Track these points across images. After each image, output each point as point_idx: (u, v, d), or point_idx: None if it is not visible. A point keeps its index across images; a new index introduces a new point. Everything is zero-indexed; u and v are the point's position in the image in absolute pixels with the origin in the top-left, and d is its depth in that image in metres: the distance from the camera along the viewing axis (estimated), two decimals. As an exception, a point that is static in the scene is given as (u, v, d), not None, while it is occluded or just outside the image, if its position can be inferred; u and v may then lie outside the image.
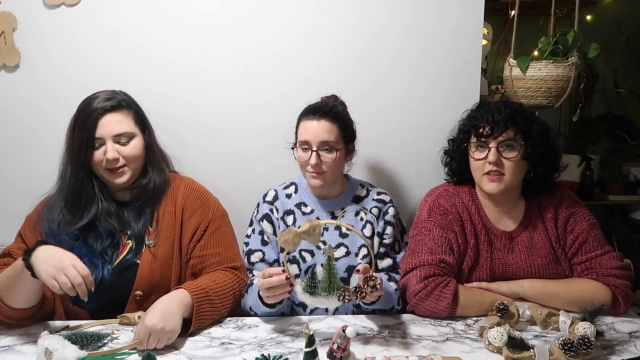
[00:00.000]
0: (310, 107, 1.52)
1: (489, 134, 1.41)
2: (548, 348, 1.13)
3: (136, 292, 1.40)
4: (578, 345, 1.13)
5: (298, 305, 1.53)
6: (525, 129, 1.42)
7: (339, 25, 1.78)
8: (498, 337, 1.19)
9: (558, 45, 1.75)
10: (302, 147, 1.50)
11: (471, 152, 1.47)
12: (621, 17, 3.07)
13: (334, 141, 1.48)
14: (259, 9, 1.77)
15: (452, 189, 1.57)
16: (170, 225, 1.47)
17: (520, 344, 1.16)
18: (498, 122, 1.40)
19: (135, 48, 1.76)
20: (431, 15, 1.78)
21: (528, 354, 1.14)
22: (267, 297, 1.29)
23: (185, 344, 1.26)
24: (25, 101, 1.78)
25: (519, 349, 1.15)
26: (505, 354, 1.17)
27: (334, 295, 1.21)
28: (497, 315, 1.30)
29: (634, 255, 2.85)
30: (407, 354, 1.20)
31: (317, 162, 1.46)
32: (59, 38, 1.75)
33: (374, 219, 1.54)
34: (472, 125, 1.46)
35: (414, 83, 1.82)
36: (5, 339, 1.29)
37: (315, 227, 1.17)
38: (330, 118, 1.48)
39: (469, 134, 1.48)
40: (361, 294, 1.20)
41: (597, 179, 3.08)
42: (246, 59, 1.78)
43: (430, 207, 1.52)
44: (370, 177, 1.85)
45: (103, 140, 1.40)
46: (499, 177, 1.41)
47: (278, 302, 1.37)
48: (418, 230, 1.51)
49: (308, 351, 1.09)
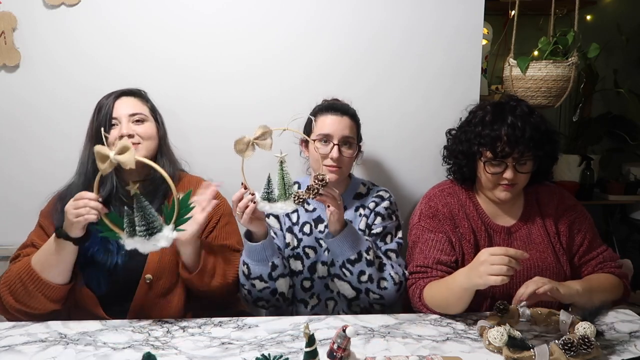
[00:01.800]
0: (329, 104, 1.56)
1: (508, 153, 1.40)
2: (548, 348, 1.13)
3: (146, 275, 1.43)
4: (578, 345, 1.13)
5: (300, 301, 1.54)
6: (540, 143, 1.41)
7: (339, 25, 1.78)
8: (498, 337, 1.19)
9: (558, 45, 1.75)
10: (322, 141, 1.51)
11: (484, 165, 1.45)
12: (621, 17, 3.07)
13: (353, 137, 1.53)
14: (259, 10, 1.77)
15: (448, 187, 1.58)
16: None
17: (520, 343, 1.16)
18: (519, 143, 1.39)
19: (135, 48, 1.76)
20: (431, 15, 1.79)
21: (528, 353, 1.14)
22: (241, 220, 1.35)
23: (185, 344, 1.26)
24: (25, 101, 1.78)
25: (519, 348, 1.15)
26: (505, 354, 1.17)
27: (289, 198, 1.32)
28: (497, 315, 1.30)
29: (634, 255, 2.86)
30: (407, 353, 1.20)
31: (339, 155, 1.49)
32: (59, 38, 1.75)
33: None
34: (490, 143, 1.41)
35: (414, 83, 1.83)
36: (6, 339, 1.29)
37: (266, 133, 1.23)
38: (350, 116, 1.54)
39: (484, 148, 1.43)
40: (313, 191, 1.28)
41: (597, 179, 3.08)
42: (247, 60, 1.79)
43: (421, 211, 1.55)
44: (370, 175, 1.85)
45: (119, 119, 1.45)
46: (512, 187, 1.45)
47: (263, 237, 1.42)
48: (411, 234, 1.56)
49: (308, 351, 1.09)
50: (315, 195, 1.30)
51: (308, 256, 1.55)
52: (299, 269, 1.54)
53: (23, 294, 1.35)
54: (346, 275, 1.44)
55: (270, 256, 1.44)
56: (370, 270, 1.43)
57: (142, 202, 1.20)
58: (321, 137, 1.51)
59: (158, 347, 1.24)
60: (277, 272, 1.45)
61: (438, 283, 1.41)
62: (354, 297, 1.47)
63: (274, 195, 1.33)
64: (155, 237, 1.22)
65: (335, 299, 1.56)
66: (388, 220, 1.57)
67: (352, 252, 1.42)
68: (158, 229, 1.23)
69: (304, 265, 1.54)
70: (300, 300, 1.55)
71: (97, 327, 1.35)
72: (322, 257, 1.55)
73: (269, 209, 1.34)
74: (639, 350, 1.23)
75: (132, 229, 1.22)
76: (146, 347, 1.24)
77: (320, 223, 1.57)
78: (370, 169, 1.87)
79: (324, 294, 1.56)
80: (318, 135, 1.52)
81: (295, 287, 1.56)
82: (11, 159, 1.80)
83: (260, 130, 1.22)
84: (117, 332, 1.32)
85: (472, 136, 1.47)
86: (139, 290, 1.44)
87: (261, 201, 1.33)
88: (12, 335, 1.30)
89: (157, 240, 1.22)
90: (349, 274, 1.44)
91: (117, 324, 1.37)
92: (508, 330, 1.20)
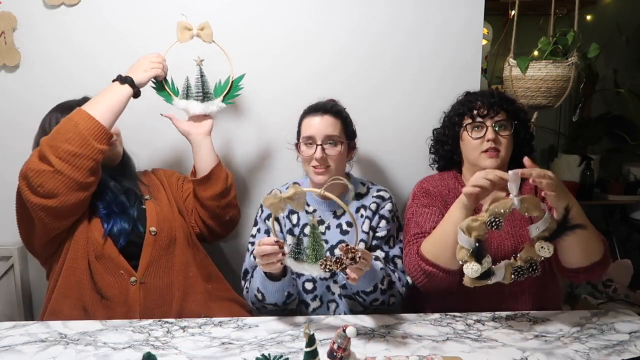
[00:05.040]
0: (312, 106, 1.56)
1: (485, 114, 1.51)
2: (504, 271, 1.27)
3: (150, 228, 1.53)
4: (526, 270, 1.28)
5: (301, 303, 1.54)
6: (514, 111, 1.55)
7: (341, 27, 1.79)
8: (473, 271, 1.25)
9: (558, 45, 1.75)
10: (306, 143, 1.52)
11: (467, 132, 1.53)
12: (621, 17, 3.07)
13: (337, 135, 1.52)
14: (260, 11, 1.77)
15: (437, 175, 1.65)
16: (155, 182, 1.68)
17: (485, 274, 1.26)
18: (493, 104, 1.52)
19: (135, 48, 1.75)
20: (431, 15, 1.79)
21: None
22: (262, 265, 1.32)
23: (185, 344, 1.26)
24: (25, 101, 1.78)
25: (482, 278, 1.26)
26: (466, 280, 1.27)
27: (317, 263, 1.26)
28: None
29: (634, 255, 2.85)
30: (407, 353, 1.20)
31: (322, 155, 1.49)
32: (59, 38, 1.75)
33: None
34: (468, 108, 1.55)
35: (415, 83, 1.83)
36: (6, 339, 1.29)
37: (299, 194, 1.21)
38: (333, 114, 1.53)
39: (463, 117, 1.56)
40: (341, 264, 1.24)
41: (597, 179, 3.08)
42: (247, 60, 1.78)
43: (414, 194, 1.62)
44: (371, 176, 1.84)
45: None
46: (496, 153, 1.50)
47: (282, 275, 1.40)
48: (407, 215, 1.59)
49: (308, 351, 1.09)
50: (343, 269, 1.25)
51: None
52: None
53: (73, 137, 1.36)
54: (358, 300, 1.46)
55: (287, 287, 1.43)
56: (383, 297, 1.44)
57: (202, 74, 1.64)
58: (305, 139, 1.52)
59: (158, 347, 1.24)
60: (291, 299, 1.46)
61: (432, 234, 1.45)
62: (364, 308, 1.49)
63: (302, 257, 1.29)
64: (208, 102, 1.63)
65: (336, 301, 1.55)
66: (392, 223, 1.57)
67: (369, 286, 1.41)
68: (210, 98, 1.64)
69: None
70: (302, 302, 1.55)
71: (97, 327, 1.35)
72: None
73: (295, 268, 1.31)
74: (639, 350, 1.23)
75: (187, 93, 1.62)
76: (146, 347, 1.24)
77: (321, 224, 1.57)
78: (371, 169, 1.87)
79: (325, 296, 1.56)
80: (302, 138, 1.53)
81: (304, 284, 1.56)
82: (11, 159, 1.80)
83: (292, 190, 1.21)
84: (117, 332, 1.32)
85: (452, 114, 1.61)
86: (146, 242, 1.51)
87: (288, 257, 1.30)
88: (12, 335, 1.30)
89: (209, 103, 1.63)
90: (361, 300, 1.45)
91: (117, 324, 1.37)
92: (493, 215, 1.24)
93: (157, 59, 1.56)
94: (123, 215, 1.50)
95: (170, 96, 1.62)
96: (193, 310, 1.52)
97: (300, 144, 1.55)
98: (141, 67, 1.53)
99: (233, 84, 1.66)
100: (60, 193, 1.37)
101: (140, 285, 1.48)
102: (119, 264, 1.47)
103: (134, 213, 1.52)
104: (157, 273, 1.51)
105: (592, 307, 2.33)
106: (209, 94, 1.64)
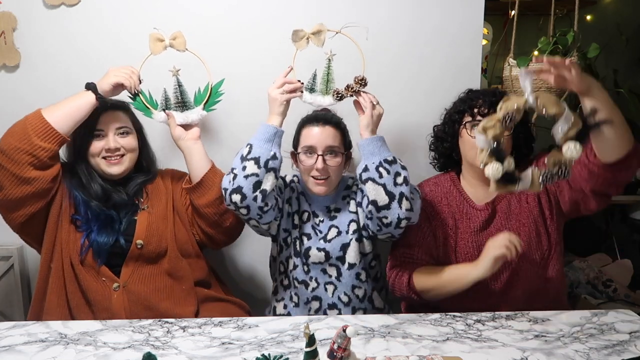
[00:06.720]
0: (312, 115, 1.57)
1: (485, 114, 1.50)
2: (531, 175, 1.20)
3: (137, 240, 1.52)
4: (555, 174, 1.19)
5: (301, 283, 1.57)
6: None
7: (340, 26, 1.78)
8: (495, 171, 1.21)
9: (558, 45, 1.75)
10: (306, 153, 1.52)
11: (466, 131, 1.52)
12: (621, 17, 3.07)
13: (337, 146, 1.53)
14: (260, 11, 1.77)
15: (434, 178, 1.67)
16: (160, 191, 1.64)
17: (510, 177, 1.20)
18: (494, 103, 1.48)
19: (136, 48, 1.75)
20: (431, 15, 1.79)
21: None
22: (282, 94, 1.48)
23: (185, 344, 1.26)
24: (25, 101, 1.77)
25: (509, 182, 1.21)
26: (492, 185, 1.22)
27: (329, 94, 1.54)
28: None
29: (634, 255, 2.85)
30: (407, 353, 1.20)
31: (324, 165, 1.50)
32: (59, 38, 1.75)
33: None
34: (468, 106, 1.54)
35: (414, 83, 1.83)
36: (6, 339, 1.29)
37: (322, 32, 1.53)
38: (333, 125, 1.54)
39: (463, 115, 1.55)
40: (352, 89, 1.49)
41: (597, 179, 3.07)
42: (248, 60, 1.79)
43: None
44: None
45: (105, 132, 1.54)
46: None
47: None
48: None
49: (308, 351, 1.08)
50: (353, 94, 1.49)
51: (302, 242, 1.58)
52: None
53: (17, 131, 1.40)
54: (382, 175, 1.43)
55: (276, 145, 1.47)
56: (405, 173, 1.45)
57: (180, 84, 1.61)
58: (305, 149, 1.53)
59: (158, 347, 1.24)
60: (272, 165, 1.45)
61: (432, 275, 1.47)
62: (385, 205, 1.44)
63: (316, 88, 1.54)
64: (187, 111, 1.61)
65: (334, 284, 1.56)
66: None
67: (389, 154, 1.46)
68: (190, 107, 1.63)
69: (300, 250, 1.58)
70: (302, 282, 1.57)
71: (97, 327, 1.35)
72: (317, 243, 1.56)
73: (309, 99, 1.54)
74: (639, 350, 1.23)
75: (166, 104, 1.61)
76: (146, 347, 1.24)
77: (315, 217, 1.61)
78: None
79: (322, 278, 1.57)
80: (302, 147, 1.53)
81: (297, 268, 1.58)
82: (11, 159, 1.80)
83: (317, 27, 1.50)
84: (117, 332, 1.32)
85: (452, 111, 1.59)
86: (131, 254, 1.52)
87: (304, 89, 1.53)
88: (12, 335, 1.30)
89: (190, 112, 1.61)
90: (385, 174, 1.43)
91: (117, 324, 1.37)
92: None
93: (125, 69, 1.54)
94: (106, 229, 1.50)
95: (149, 109, 1.61)
96: (184, 314, 1.51)
97: (299, 154, 1.55)
98: (107, 75, 1.52)
99: (212, 90, 1.64)
100: (3, 186, 1.41)
101: (123, 290, 1.49)
102: (100, 272, 1.50)
103: (120, 227, 1.52)
104: (142, 279, 1.52)
105: (592, 307, 2.32)
106: (187, 103, 1.64)
